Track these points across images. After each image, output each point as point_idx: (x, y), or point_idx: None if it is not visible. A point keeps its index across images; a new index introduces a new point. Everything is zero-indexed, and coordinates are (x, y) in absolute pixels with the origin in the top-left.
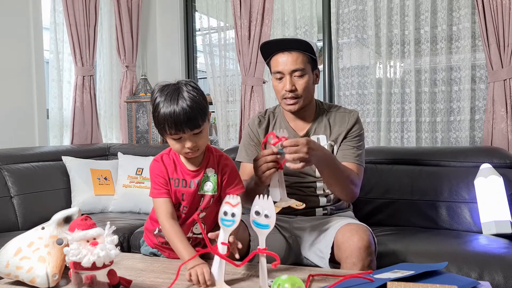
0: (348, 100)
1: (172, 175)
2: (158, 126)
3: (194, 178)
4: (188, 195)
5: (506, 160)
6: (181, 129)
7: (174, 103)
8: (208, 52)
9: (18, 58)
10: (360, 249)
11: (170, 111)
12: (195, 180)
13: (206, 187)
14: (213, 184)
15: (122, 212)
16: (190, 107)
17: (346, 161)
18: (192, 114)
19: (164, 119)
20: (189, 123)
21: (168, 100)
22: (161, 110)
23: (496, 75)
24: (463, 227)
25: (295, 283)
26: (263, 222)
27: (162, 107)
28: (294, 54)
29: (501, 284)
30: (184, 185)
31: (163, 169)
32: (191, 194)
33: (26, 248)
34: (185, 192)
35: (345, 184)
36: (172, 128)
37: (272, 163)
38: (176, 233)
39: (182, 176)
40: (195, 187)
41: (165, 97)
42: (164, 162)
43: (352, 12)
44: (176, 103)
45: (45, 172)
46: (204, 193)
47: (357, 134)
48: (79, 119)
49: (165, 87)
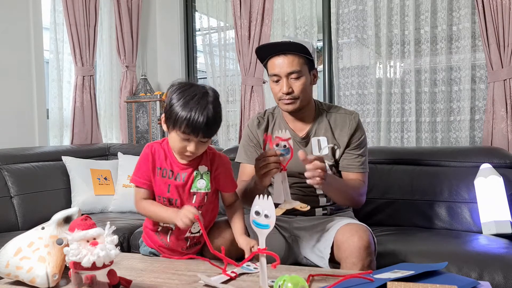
0: (348, 100)
1: (161, 165)
2: (173, 120)
3: (182, 171)
4: (174, 187)
5: (506, 160)
6: (196, 134)
7: (200, 108)
8: (208, 52)
9: (18, 58)
10: (360, 249)
11: (193, 114)
12: (182, 173)
13: (199, 184)
14: (206, 182)
15: (122, 212)
16: (213, 119)
17: (351, 171)
18: (211, 125)
19: (184, 118)
20: (205, 132)
21: (194, 103)
22: (183, 109)
23: (496, 75)
24: (463, 227)
25: (298, 283)
26: (263, 222)
27: (184, 107)
28: (290, 57)
29: (501, 284)
30: (170, 175)
31: (151, 157)
32: (177, 188)
33: (26, 248)
34: (171, 184)
35: (352, 197)
36: (188, 129)
37: (273, 163)
38: (153, 203)
39: (170, 166)
40: (181, 181)
41: (191, 98)
42: (155, 150)
43: (352, 12)
44: (202, 110)
45: (45, 172)
46: (197, 190)
47: (359, 141)
48: (79, 119)
49: (192, 88)
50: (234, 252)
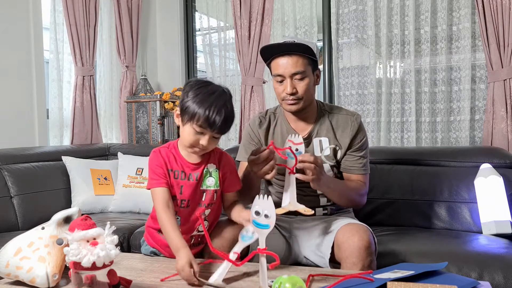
0: (348, 100)
1: (172, 167)
2: (190, 113)
3: (193, 171)
4: (187, 187)
5: (506, 160)
6: (213, 128)
7: (219, 105)
8: (208, 52)
9: (18, 58)
10: (360, 249)
11: (212, 109)
12: (194, 173)
13: (208, 182)
14: (215, 179)
15: (122, 212)
16: (230, 116)
17: (352, 173)
18: (228, 122)
19: (204, 112)
20: (220, 128)
21: (214, 99)
22: (203, 104)
23: (496, 75)
24: (463, 227)
25: (296, 283)
26: (263, 222)
27: (204, 102)
28: (294, 57)
29: (501, 284)
30: (183, 177)
31: (162, 160)
32: (190, 187)
33: (26, 248)
34: (184, 184)
35: (352, 199)
36: (205, 123)
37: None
38: (171, 222)
39: (181, 168)
40: (194, 180)
41: (211, 94)
42: (163, 154)
43: (352, 12)
44: (220, 107)
45: (45, 172)
46: (207, 188)
47: (361, 143)
48: (79, 119)
49: (211, 85)
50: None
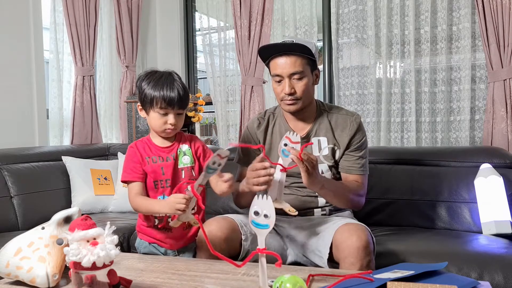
0: (348, 100)
1: (148, 154)
2: (149, 101)
3: (169, 154)
4: (167, 168)
5: (506, 160)
6: (173, 106)
7: (169, 84)
8: (208, 52)
9: (18, 58)
10: (359, 249)
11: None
12: (170, 155)
13: (184, 160)
14: (190, 157)
15: (122, 212)
16: (183, 91)
17: (350, 173)
18: (183, 97)
19: (159, 95)
20: (179, 103)
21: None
22: (156, 88)
23: (496, 75)
24: (463, 227)
25: (296, 283)
26: (262, 222)
27: (156, 86)
28: (293, 57)
29: (501, 284)
30: (161, 160)
31: (137, 153)
32: (170, 167)
33: (26, 248)
34: (164, 166)
35: (350, 200)
36: (164, 103)
37: (263, 177)
38: (146, 199)
39: (158, 154)
40: (172, 160)
41: (159, 78)
42: (139, 146)
43: (352, 12)
44: (171, 85)
45: (45, 172)
46: (184, 166)
47: (360, 143)
48: (79, 119)
49: (157, 72)
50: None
